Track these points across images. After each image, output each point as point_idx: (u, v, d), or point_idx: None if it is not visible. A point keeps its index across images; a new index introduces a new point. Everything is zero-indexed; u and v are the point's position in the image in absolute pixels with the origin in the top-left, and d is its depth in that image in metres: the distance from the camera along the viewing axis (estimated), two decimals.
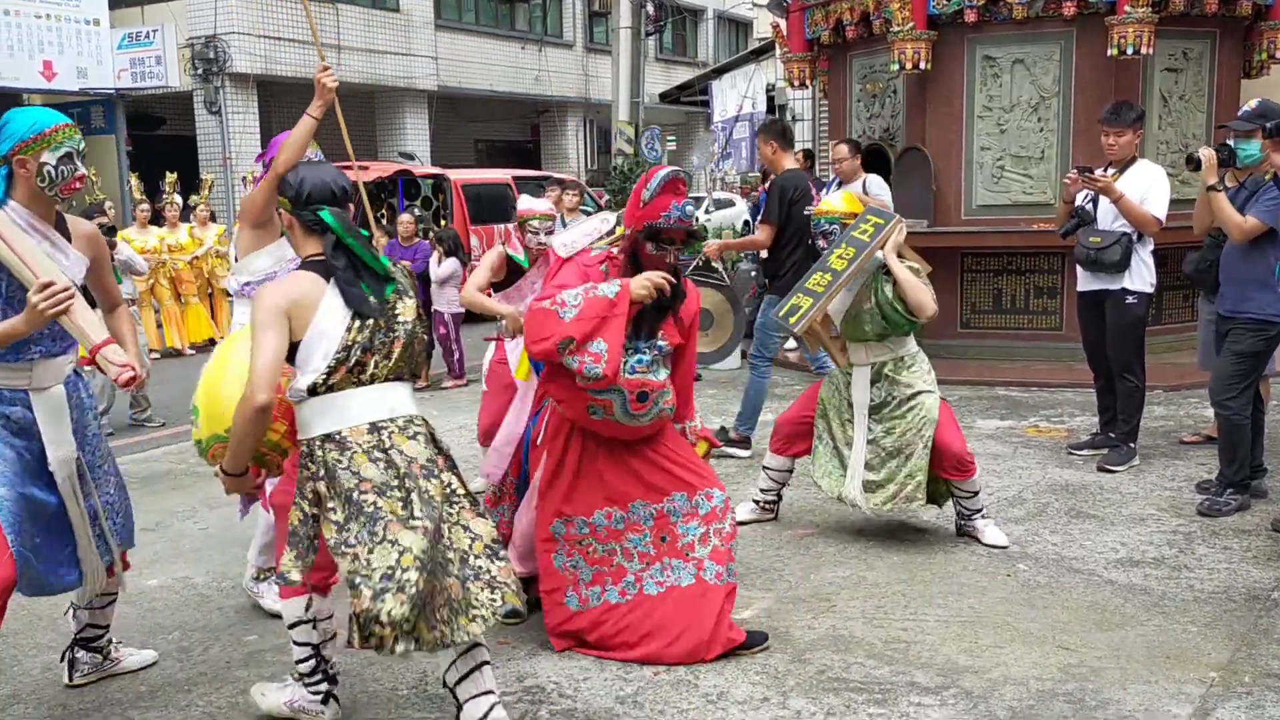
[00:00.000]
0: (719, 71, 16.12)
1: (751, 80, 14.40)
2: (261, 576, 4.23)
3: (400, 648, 2.75)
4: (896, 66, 8.78)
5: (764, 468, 5.21)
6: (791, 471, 5.17)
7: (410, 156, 19.18)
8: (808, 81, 10.48)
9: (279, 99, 21.56)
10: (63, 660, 3.69)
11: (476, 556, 2.99)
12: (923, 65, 8.71)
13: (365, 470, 2.86)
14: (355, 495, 2.84)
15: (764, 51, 15.42)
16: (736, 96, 14.71)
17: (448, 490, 3.01)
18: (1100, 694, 3.41)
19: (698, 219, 15.10)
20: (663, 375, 3.65)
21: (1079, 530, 4.99)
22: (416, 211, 14.38)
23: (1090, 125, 7.82)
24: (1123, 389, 5.98)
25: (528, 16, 25.89)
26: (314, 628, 3.21)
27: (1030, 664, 3.61)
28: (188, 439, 7.83)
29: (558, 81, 25.96)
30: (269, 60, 19.33)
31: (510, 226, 12.13)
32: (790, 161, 6.46)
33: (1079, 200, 6.04)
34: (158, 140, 20.26)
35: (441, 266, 9.24)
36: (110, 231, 8.47)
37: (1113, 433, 6.12)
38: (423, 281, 9.40)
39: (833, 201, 4.94)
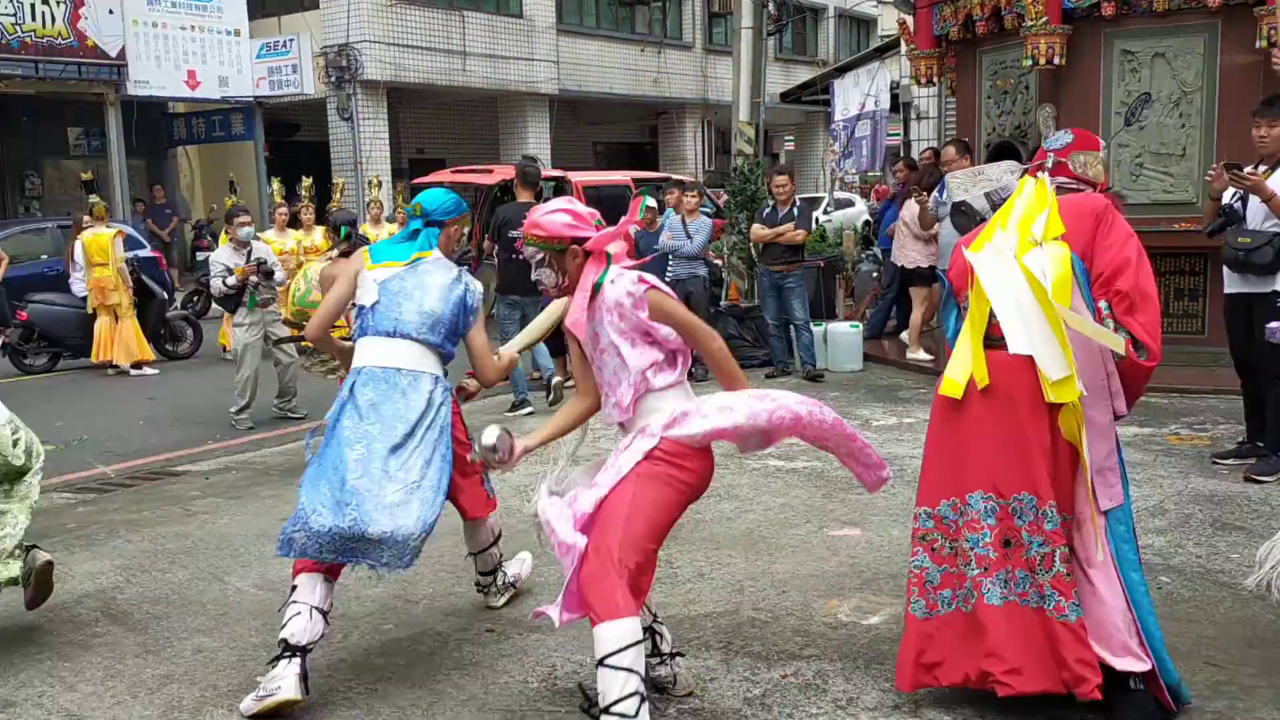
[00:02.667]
0: (842, 70, 15.91)
1: (875, 78, 14.19)
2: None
3: None
4: (1029, 62, 8.55)
5: None
6: None
7: (533, 160, 19.46)
8: (935, 79, 10.29)
9: (407, 105, 22.19)
10: None
11: None
12: (1056, 60, 8.46)
13: None
14: None
15: (888, 49, 15.17)
16: (859, 95, 14.50)
17: None
18: (1252, 713, 3.27)
19: (816, 220, 14.84)
20: None
21: (1225, 543, 4.78)
22: None
23: (1235, 121, 7.49)
24: (1272, 396, 5.72)
25: (647, 19, 26.02)
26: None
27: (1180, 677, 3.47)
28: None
29: (677, 83, 26.04)
30: (398, 67, 19.88)
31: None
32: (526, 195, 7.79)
33: (1227, 198, 5.80)
34: (293, 146, 21.05)
35: None
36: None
37: (1260, 442, 5.86)
38: None
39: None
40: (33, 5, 15.70)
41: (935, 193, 8.81)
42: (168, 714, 3.55)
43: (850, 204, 23.73)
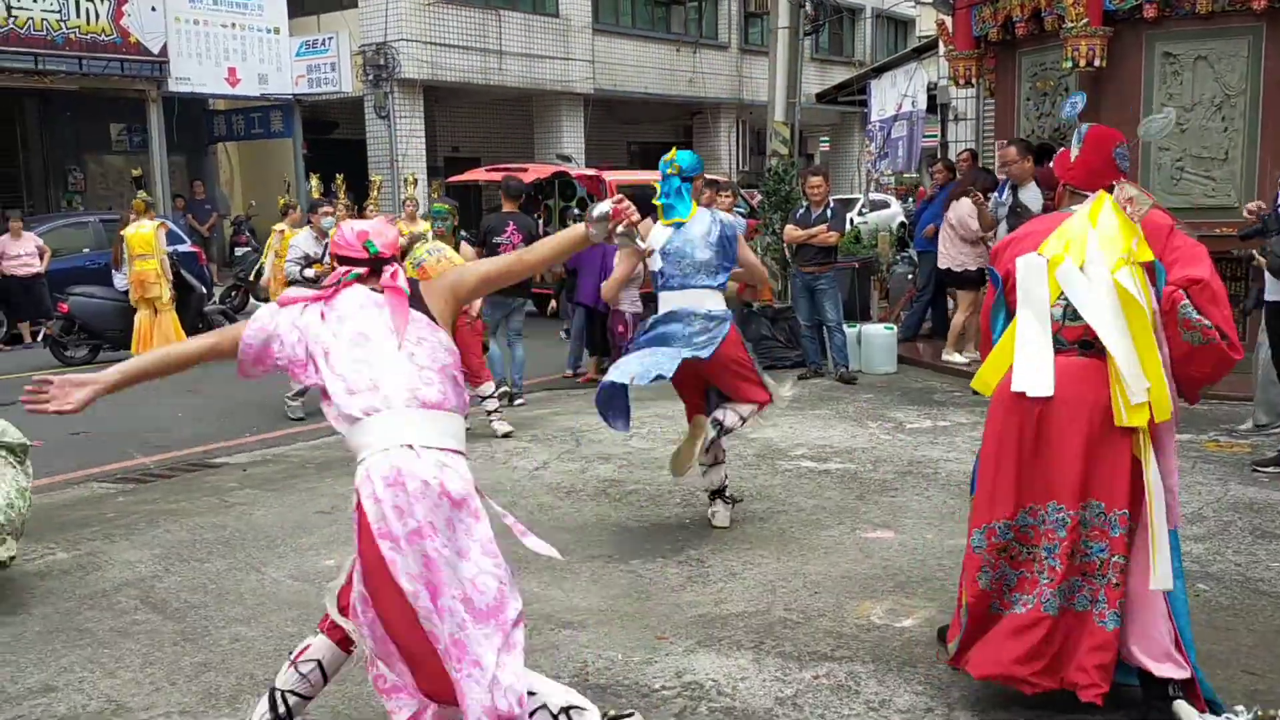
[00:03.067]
0: (879, 70, 15.82)
1: (912, 79, 14.10)
2: None
3: None
4: (1069, 64, 8.49)
5: None
6: None
7: (567, 159, 19.54)
8: (973, 80, 10.23)
9: (444, 104, 22.29)
10: None
11: None
12: (1097, 62, 8.39)
13: None
14: None
15: (926, 49, 15.08)
16: (896, 95, 14.42)
17: None
18: None
19: (851, 221, 14.75)
20: None
21: (1265, 551, 4.72)
22: (576, 212, 14.71)
23: None
24: None
25: (683, 19, 26.01)
26: None
27: (1213, 688, 3.44)
28: None
29: (711, 83, 25.99)
30: (435, 66, 19.98)
31: None
32: (510, 206, 8.68)
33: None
34: (330, 143, 21.20)
35: None
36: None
37: None
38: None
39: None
40: (77, 2, 15.92)
41: (995, 194, 8.75)
42: (205, 701, 3.60)
43: (886, 205, 23.60)
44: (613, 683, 3.63)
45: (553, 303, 11.68)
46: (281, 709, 3.03)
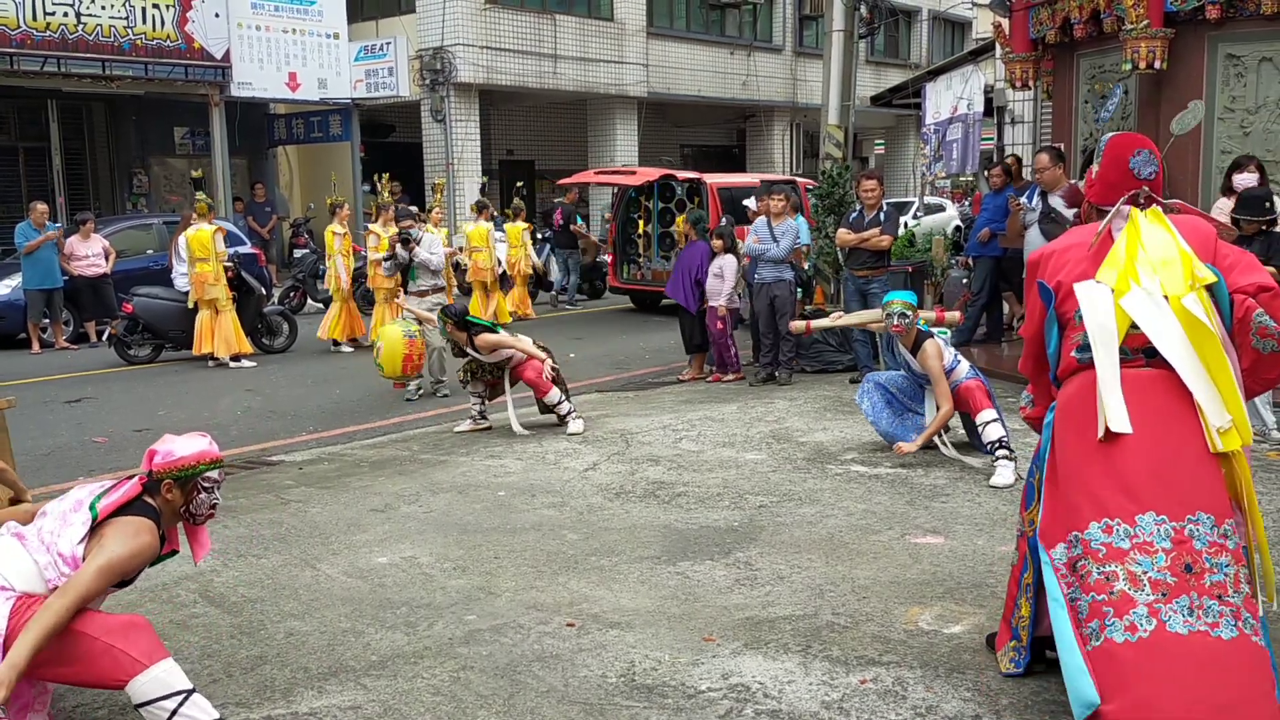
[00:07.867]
0: (934, 73, 15.69)
1: (968, 81, 13.95)
2: None
3: None
4: (1129, 66, 8.36)
5: None
6: None
7: (670, 163, 19.86)
8: (1030, 82, 10.11)
9: (499, 107, 22.50)
10: None
11: None
12: (1158, 64, 8.26)
13: None
14: None
15: (982, 52, 14.92)
16: (951, 98, 14.28)
17: None
18: None
19: (905, 224, 14.71)
20: None
21: None
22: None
23: None
24: None
25: (738, 21, 26.00)
26: None
27: None
28: (415, 428, 8.28)
29: (765, 86, 25.96)
30: (490, 70, 20.18)
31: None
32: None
33: None
34: (388, 147, 21.49)
35: (720, 262, 9.49)
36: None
37: None
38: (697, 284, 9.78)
39: None
40: (143, 9, 16.31)
41: (1023, 198, 8.65)
42: (260, 694, 3.68)
43: (941, 209, 23.39)
44: (659, 683, 3.65)
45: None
46: None
